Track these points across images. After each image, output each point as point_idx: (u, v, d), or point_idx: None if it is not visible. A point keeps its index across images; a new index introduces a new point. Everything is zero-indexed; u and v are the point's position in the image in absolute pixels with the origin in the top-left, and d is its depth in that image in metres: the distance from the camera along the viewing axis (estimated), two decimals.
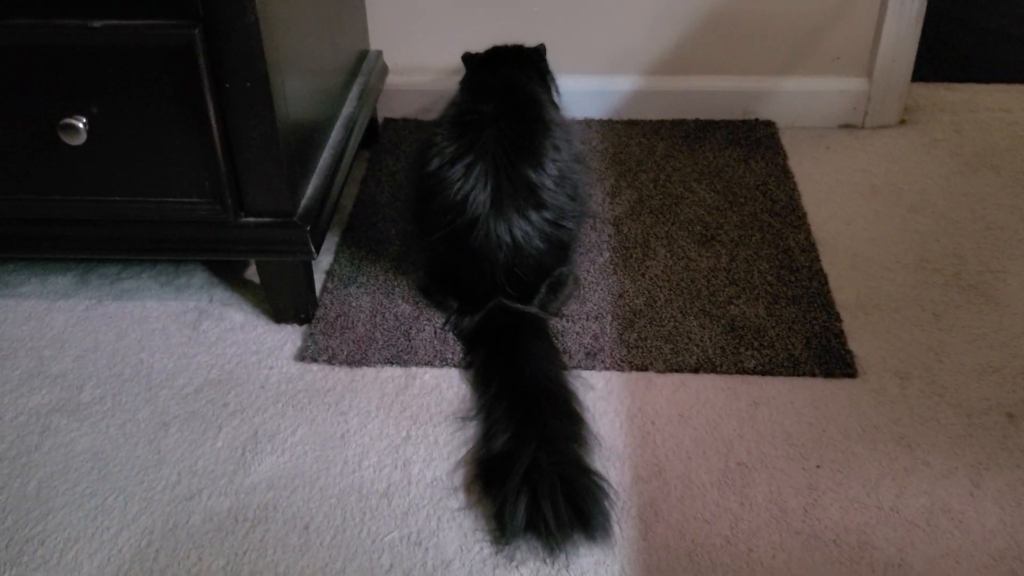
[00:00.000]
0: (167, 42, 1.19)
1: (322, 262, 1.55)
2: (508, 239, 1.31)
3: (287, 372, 1.35)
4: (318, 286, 1.49)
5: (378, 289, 1.49)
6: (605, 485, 1.13)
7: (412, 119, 1.93)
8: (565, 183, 1.37)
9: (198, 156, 1.27)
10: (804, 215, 1.63)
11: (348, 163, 1.55)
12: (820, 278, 1.48)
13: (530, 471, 1.12)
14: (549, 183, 1.34)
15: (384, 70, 1.84)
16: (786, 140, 1.84)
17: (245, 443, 1.24)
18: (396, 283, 1.49)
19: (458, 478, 1.18)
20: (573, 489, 1.11)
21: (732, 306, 1.43)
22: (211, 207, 1.31)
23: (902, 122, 1.88)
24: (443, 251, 1.38)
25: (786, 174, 1.74)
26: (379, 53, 1.83)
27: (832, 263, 1.51)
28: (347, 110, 1.61)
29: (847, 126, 1.89)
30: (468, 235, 1.32)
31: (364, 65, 1.75)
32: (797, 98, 1.88)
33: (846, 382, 1.30)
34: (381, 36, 1.84)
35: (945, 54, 1.97)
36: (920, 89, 1.95)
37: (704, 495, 1.15)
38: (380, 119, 1.92)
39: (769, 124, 1.88)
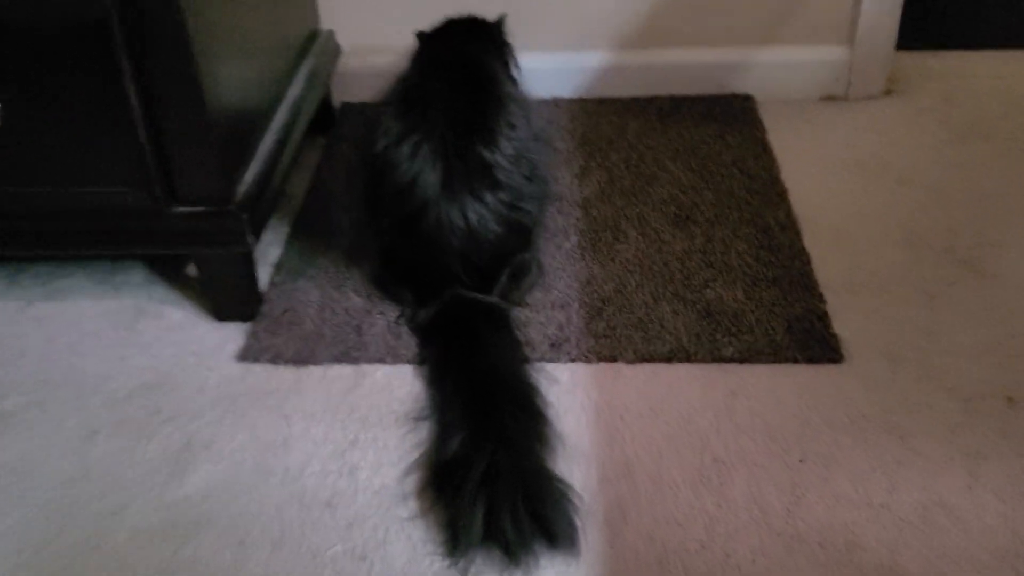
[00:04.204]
0: (80, 16, 1.09)
1: (270, 254, 1.44)
2: (461, 223, 1.21)
3: (227, 373, 1.25)
4: (265, 280, 1.39)
5: (328, 282, 1.38)
6: (569, 490, 1.03)
7: (372, 104, 1.82)
8: (522, 162, 1.27)
9: (120, 141, 1.16)
10: (784, 191, 1.53)
11: (294, 148, 1.44)
12: (802, 257, 1.38)
13: (487, 476, 1.02)
14: (504, 162, 1.24)
15: (336, 51, 1.74)
16: (764, 114, 1.74)
17: (178, 452, 1.14)
18: (348, 275, 1.39)
19: (409, 485, 1.08)
20: (534, 495, 1.01)
21: (708, 290, 1.33)
22: (138, 195, 1.21)
23: (887, 92, 1.78)
24: (394, 238, 1.28)
25: (765, 149, 1.64)
26: (330, 33, 1.72)
27: (814, 241, 1.41)
28: (293, 92, 1.50)
29: (829, 98, 1.79)
30: (419, 220, 1.22)
31: (314, 46, 1.65)
32: (775, 70, 1.78)
33: (831, 368, 1.20)
34: (333, 15, 1.74)
35: (931, 20, 1.87)
36: (905, 58, 1.85)
37: (676, 495, 1.05)
38: (337, 104, 1.82)
39: (746, 98, 1.78)
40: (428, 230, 1.22)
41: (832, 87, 1.78)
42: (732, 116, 1.73)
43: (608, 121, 1.74)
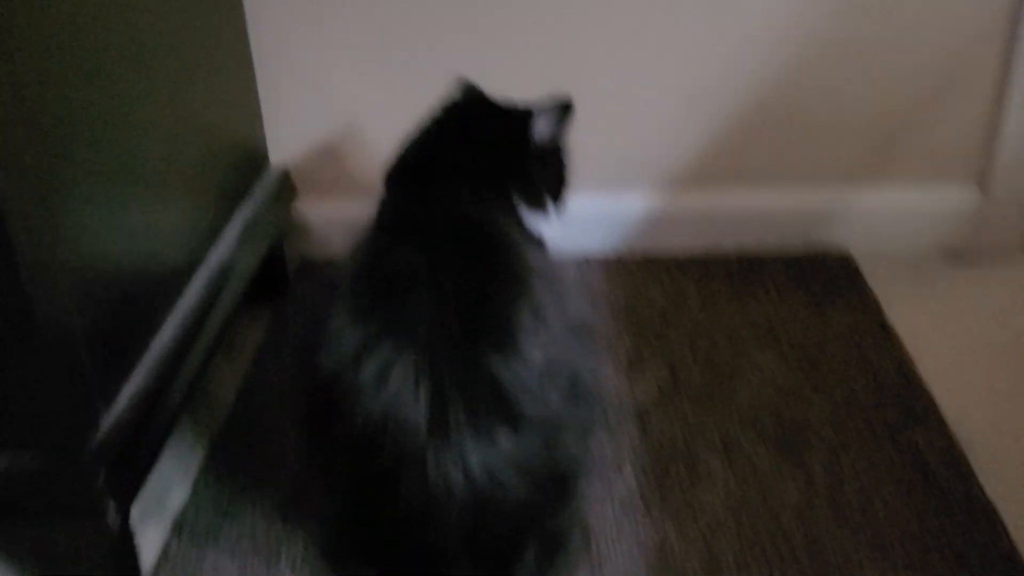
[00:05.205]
0: None
1: (169, 500, 0.95)
2: (461, 482, 0.73)
3: None
4: (156, 548, 0.89)
5: (254, 550, 0.89)
6: None
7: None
8: (558, 374, 0.79)
9: None
10: (928, 398, 1.05)
11: (211, 339, 0.97)
12: (987, 514, 0.90)
13: None
14: (529, 378, 0.76)
15: (289, 192, 1.28)
16: (871, 278, 1.28)
17: None
18: (286, 539, 0.90)
19: None
20: None
21: (854, 568, 0.84)
22: None
23: None
24: (356, 505, 0.79)
25: (885, 331, 1.17)
26: (281, 168, 1.27)
27: (997, 481, 0.93)
28: (219, 252, 1.04)
29: (953, 256, 1.34)
30: (394, 481, 0.73)
31: (256, 185, 1.20)
32: (879, 218, 1.33)
33: None
34: (285, 143, 1.29)
35: None
36: None
37: None
38: (292, 261, 1.35)
39: (843, 256, 1.33)
40: (409, 496, 0.73)
41: (957, 241, 1.33)
42: (829, 282, 1.27)
43: (660, 287, 1.27)
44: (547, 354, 0.79)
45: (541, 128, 0.97)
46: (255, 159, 1.22)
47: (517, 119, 0.97)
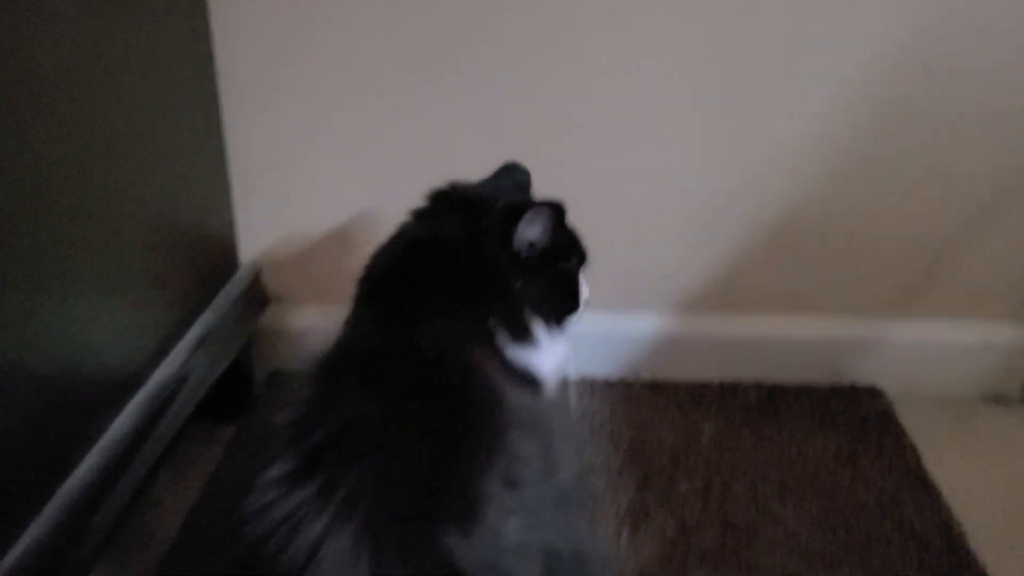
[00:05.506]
0: None
1: None
2: None
3: None
4: None
5: None
6: None
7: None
8: (532, 548, 0.66)
9: None
10: (979, 570, 0.90)
11: (145, 469, 0.83)
12: None
13: None
14: (493, 556, 0.63)
15: (260, 297, 1.16)
16: (906, 420, 1.14)
17: None
18: None
19: None
20: None
21: None
22: None
23: None
24: None
25: (925, 486, 1.03)
26: (254, 275, 1.15)
27: None
28: (168, 367, 0.91)
29: (997, 398, 1.20)
30: None
31: (223, 289, 1.07)
32: (914, 354, 1.20)
33: None
34: (259, 240, 1.17)
35: None
36: None
37: None
38: (261, 373, 1.22)
39: (874, 392, 1.20)
40: None
41: (1001, 383, 1.20)
42: (859, 422, 1.13)
43: (669, 420, 1.14)
44: (520, 525, 0.65)
45: (525, 236, 0.79)
46: (223, 261, 1.10)
47: (497, 224, 0.79)
